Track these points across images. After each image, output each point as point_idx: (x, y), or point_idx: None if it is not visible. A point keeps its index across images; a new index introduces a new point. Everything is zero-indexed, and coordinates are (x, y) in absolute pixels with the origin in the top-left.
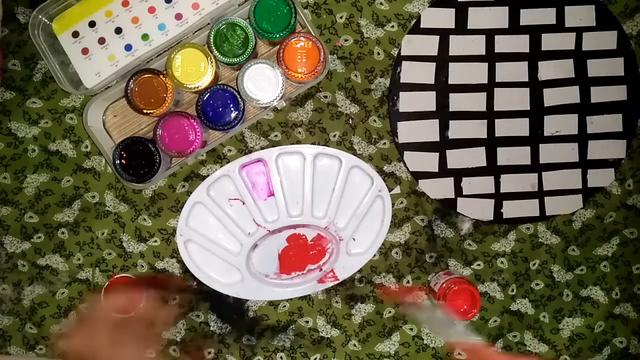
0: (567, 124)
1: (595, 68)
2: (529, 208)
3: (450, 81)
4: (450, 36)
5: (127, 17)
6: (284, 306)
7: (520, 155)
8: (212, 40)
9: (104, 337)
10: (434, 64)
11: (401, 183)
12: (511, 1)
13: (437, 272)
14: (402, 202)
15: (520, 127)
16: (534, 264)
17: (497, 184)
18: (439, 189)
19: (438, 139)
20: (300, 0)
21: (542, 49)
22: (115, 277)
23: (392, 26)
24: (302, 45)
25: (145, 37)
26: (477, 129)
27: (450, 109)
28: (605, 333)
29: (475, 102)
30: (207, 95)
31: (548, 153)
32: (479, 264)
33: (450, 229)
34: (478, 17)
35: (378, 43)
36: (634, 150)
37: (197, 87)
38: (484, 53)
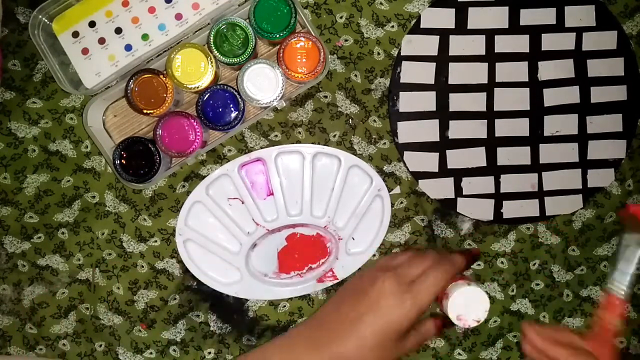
0: (567, 124)
1: (595, 68)
2: (529, 208)
3: (450, 81)
4: (450, 36)
5: (127, 17)
6: (284, 306)
7: (520, 155)
8: (212, 40)
9: None
10: (434, 64)
11: (401, 183)
12: (511, 1)
13: None
14: (402, 202)
15: (520, 127)
16: (534, 264)
17: (497, 184)
18: (439, 189)
19: (438, 139)
20: (300, 0)
21: (542, 49)
22: None
23: (392, 26)
24: (302, 45)
25: (145, 37)
26: (477, 129)
27: (450, 109)
28: None
29: (475, 102)
30: (207, 95)
31: (548, 153)
32: (479, 264)
33: (450, 229)
34: (478, 17)
35: (378, 43)
36: (634, 150)
37: (197, 87)
38: (484, 53)
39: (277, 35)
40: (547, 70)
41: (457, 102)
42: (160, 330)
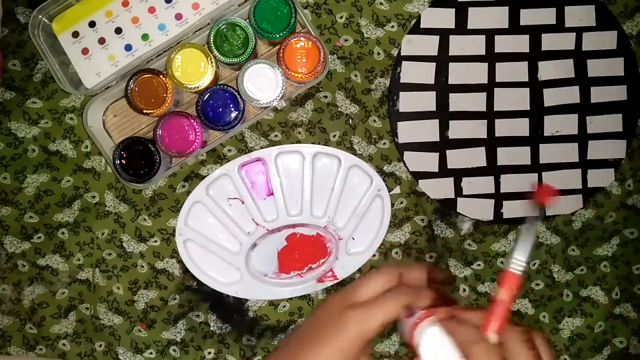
0: (567, 124)
1: (595, 68)
2: (529, 208)
3: (450, 81)
4: (450, 36)
5: (127, 17)
6: (284, 306)
7: (520, 155)
8: (212, 40)
9: None
10: (434, 64)
11: (401, 183)
12: (511, 1)
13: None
14: (402, 202)
15: (520, 127)
16: (534, 264)
17: (497, 184)
18: (439, 189)
19: (438, 139)
20: (300, 0)
21: (542, 49)
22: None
23: (392, 26)
24: (302, 45)
25: (145, 37)
26: (477, 129)
27: (450, 109)
28: (605, 333)
29: (475, 102)
30: (207, 95)
31: (548, 153)
32: (479, 264)
33: (450, 229)
34: (478, 17)
35: (378, 43)
36: (634, 150)
37: (197, 87)
38: (484, 53)
39: (277, 35)
40: (547, 70)
41: (457, 102)
42: (160, 330)
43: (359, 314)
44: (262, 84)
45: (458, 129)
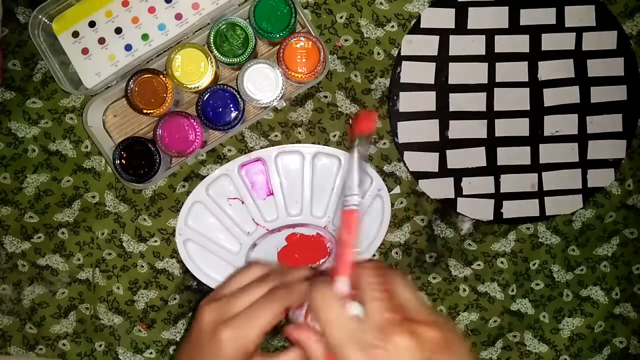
0: (567, 124)
1: (595, 68)
2: (529, 208)
3: (450, 81)
4: (450, 36)
5: (127, 17)
6: None
7: (520, 155)
8: (212, 40)
9: None
10: (434, 64)
11: (401, 183)
12: (511, 1)
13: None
14: (402, 202)
15: (520, 127)
16: (534, 264)
17: (497, 184)
18: (439, 189)
19: (438, 139)
20: (300, 0)
21: (542, 49)
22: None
23: (392, 26)
24: (302, 45)
25: (145, 37)
26: (477, 129)
27: (450, 109)
28: (605, 333)
29: (475, 102)
30: (207, 95)
31: (548, 153)
32: (479, 264)
33: (450, 229)
34: (478, 17)
35: (378, 43)
36: (634, 150)
37: (197, 87)
38: (484, 53)
39: (277, 35)
40: (547, 70)
41: (457, 102)
42: (160, 330)
43: (234, 332)
44: (262, 84)
45: (458, 129)
